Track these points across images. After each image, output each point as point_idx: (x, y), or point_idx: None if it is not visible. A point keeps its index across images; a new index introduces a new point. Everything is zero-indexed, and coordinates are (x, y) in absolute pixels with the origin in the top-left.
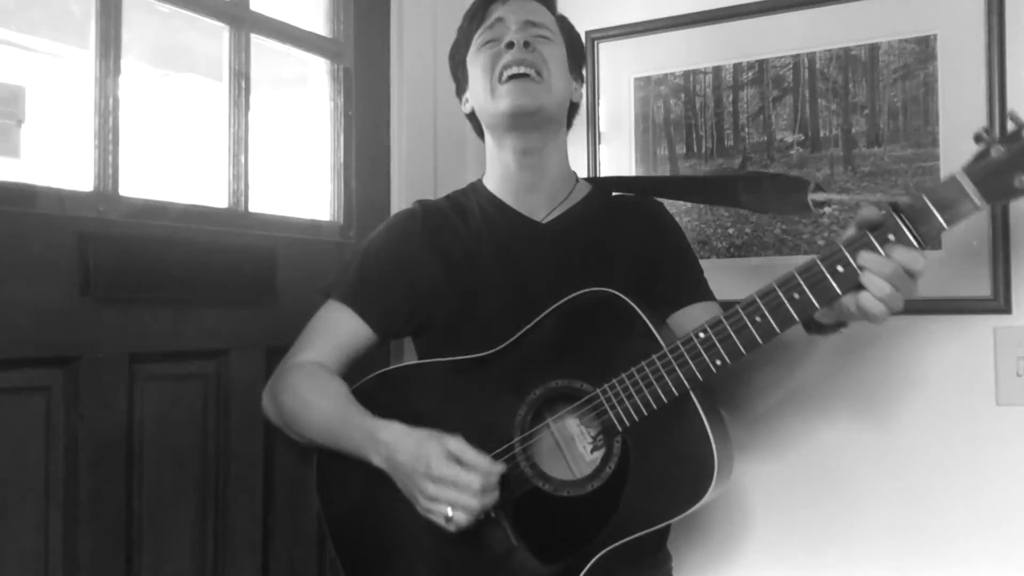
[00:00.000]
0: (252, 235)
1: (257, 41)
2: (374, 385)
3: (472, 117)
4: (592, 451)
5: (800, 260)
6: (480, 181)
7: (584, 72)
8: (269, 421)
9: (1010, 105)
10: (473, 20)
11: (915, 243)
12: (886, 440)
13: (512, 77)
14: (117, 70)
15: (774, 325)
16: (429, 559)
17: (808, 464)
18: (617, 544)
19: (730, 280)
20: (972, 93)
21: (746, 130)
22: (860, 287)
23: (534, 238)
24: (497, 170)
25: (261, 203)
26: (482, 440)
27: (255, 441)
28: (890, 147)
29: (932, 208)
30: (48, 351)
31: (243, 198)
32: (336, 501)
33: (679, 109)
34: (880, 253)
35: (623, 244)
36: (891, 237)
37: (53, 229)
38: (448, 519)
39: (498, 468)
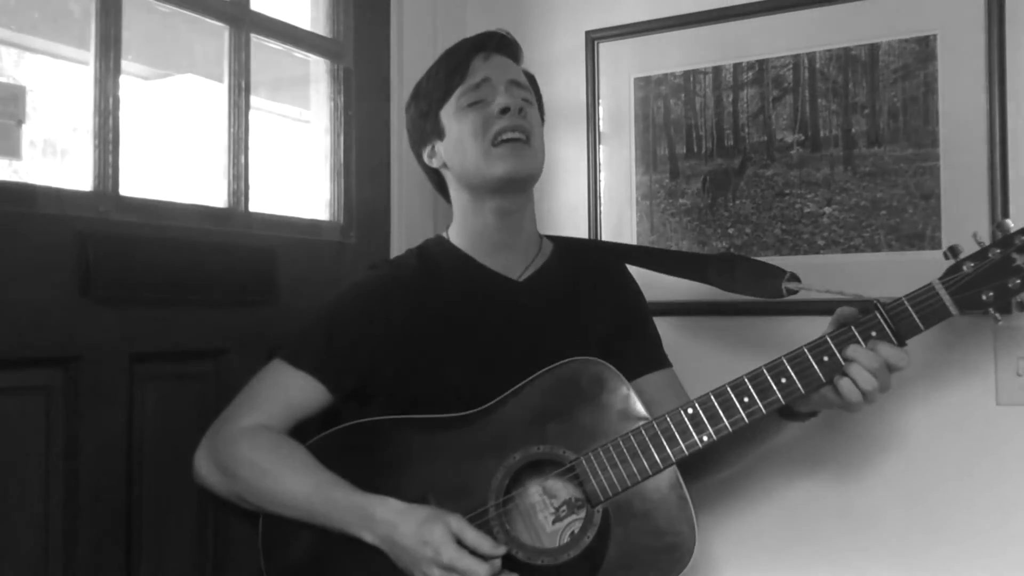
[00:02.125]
0: (252, 235)
1: (257, 41)
2: (337, 439)
3: (436, 172)
4: (554, 522)
5: (800, 260)
6: (445, 237)
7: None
8: (211, 492)
9: (1010, 104)
10: (454, 75)
11: (894, 341)
12: (886, 440)
13: (507, 141)
14: (117, 70)
15: (760, 407)
16: None
17: (806, 464)
18: None
19: None
20: (972, 93)
21: (746, 130)
22: (842, 377)
23: (511, 296)
24: (470, 228)
25: (261, 203)
26: (456, 501)
27: None
28: (890, 147)
29: (911, 311)
30: (48, 351)
31: (243, 198)
32: (285, 564)
33: (679, 109)
34: (865, 347)
35: (594, 305)
36: (873, 333)
37: (53, 229)
38: None
39: (500, 551)
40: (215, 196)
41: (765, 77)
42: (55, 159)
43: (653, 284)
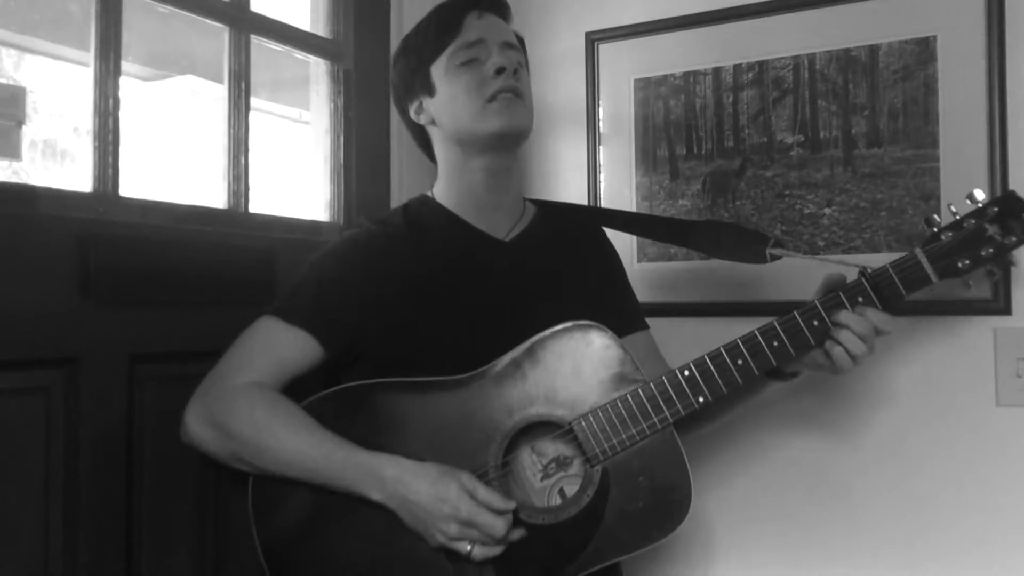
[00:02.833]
0: (252, 236)
1: (257, 42)
2: (330, 402)
3: (420, 128)
4: (541, 479)
5: (799, 261)
6: (430, 196)
7: None
8: (203, 452)
9: (1010, 104)
10: (447, 31)
11: (879, 306)
12: (886, 441)
13: (503, 98)
14: (117, 71)
15: (753, 368)
16: None
17: (807, 465)
18: (592, 570)
19: (730, 280)
20: (972, 94)
21: (746, 131)
22: (830, 341)
23: (498, 256)
24: (457, 186)
25: (261, 204)
26: (456, 464)
27: None
28: (890, 148)
29: (895, 278)
30: (48, 351)
31: (243, 199)
32: (274, 525)
33: (679, 110)
34: (854, 312)
35: (576, 266)
36: (860, 299)
37: (53, 230)
38: (468, 554)
39: (511, 505)
40: (215, 197)
41: (765, 78)
42: (55, 160)
43: (656, 284)
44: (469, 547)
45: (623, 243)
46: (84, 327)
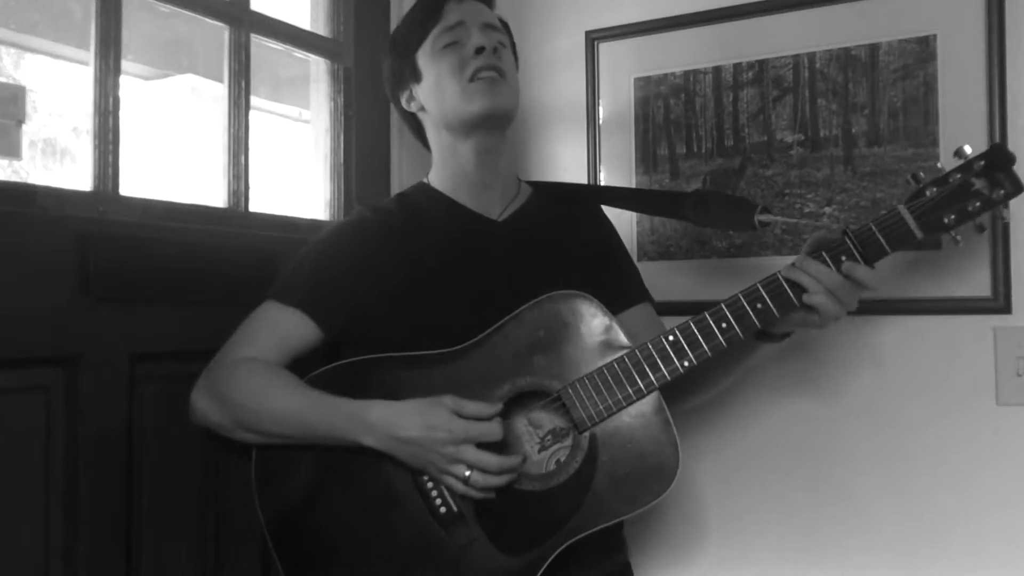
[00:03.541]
0: (252, 235)
1: (257, 41)
2: (327, 376)
3: (412, 116)
4: (539, 451)
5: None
6: (426, 182)
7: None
8: (210, 426)
9: (1010, 105)
10: (429, 18)
11: (862, 263)
12: (886, 440)
13: (483, 78)
14: (117, 70)
15: (738, 331)
16: (382, 554)
17: (807, 465)
18: (581, 536)
19: (730, 280)
20: (972, 93)
21: (746, 130)
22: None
23: (491, 235)
24: (450, 169)
25: (261, 203)
26: None
27: None
28: (890, 147)
29: (878, 235)
30: (48, 351)
31: (243, 198)
32: (276, 497)
33: (679, 109)
34: (831, 267)
35: (573, 242)
36: (843, 258)
37: (53, 229)
38: (466, 479)
39: (498, 408)
40: (215, 196)
41: (765, 77)
42: (55, 159)
43: (656, 283)
44: (467, 472)
45: (624, 240)
46: (84, 326)
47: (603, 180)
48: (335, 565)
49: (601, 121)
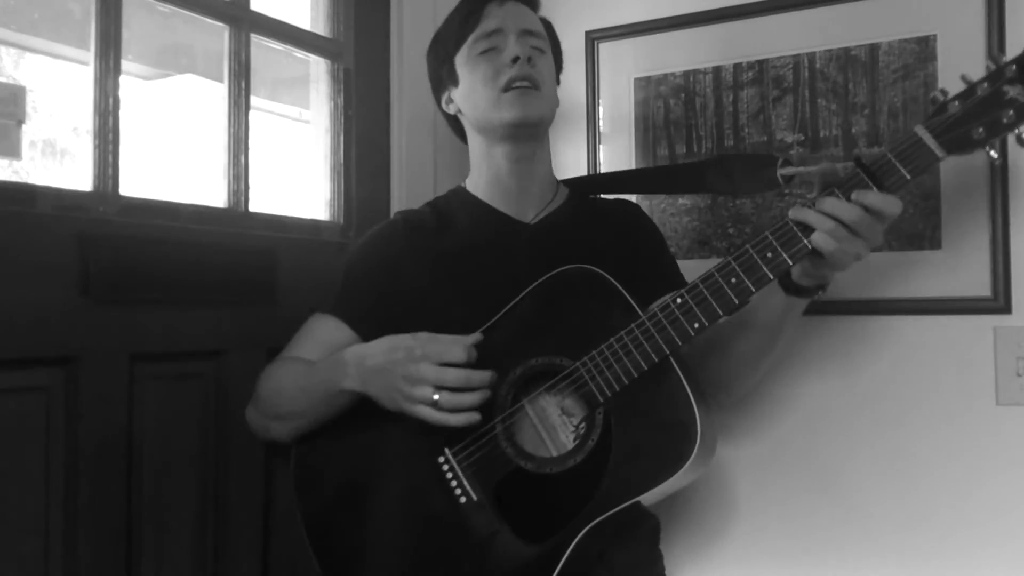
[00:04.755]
0: (252, 235)
1: (257, 41)
2: None
3: (454, 119)
4: (575, 439)
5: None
6: (463, 187)
7: (560, 77)
8: (258, 435)
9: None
10: (467, 22)
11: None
12: (885, 440)
13: (517, 88)
14: (117, 70)
15: (749, 284)
16: (410, 547)
17: (807, 465)
18: (603, 517)
19: None
20: None
21: (746, 130)
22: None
23: (522, 237)
24: (485, 174)
25: (261, 203)
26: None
27: (255, 441)
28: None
29: (895, 161)
30: (48, 351)
31: (243, 198)
32: (314, 495)
33: (679, 109)
34: (843, 199)
35: (608, 242)
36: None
37: (53, 229)
38: (435, 402)
39: (468, 340)
40: (215, 196)
41: (765, 77)
42: (55, 159)
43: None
44: (436, 396)
45: None
46: (84, 326)
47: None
48: (370, 562)
49: (601, 121)
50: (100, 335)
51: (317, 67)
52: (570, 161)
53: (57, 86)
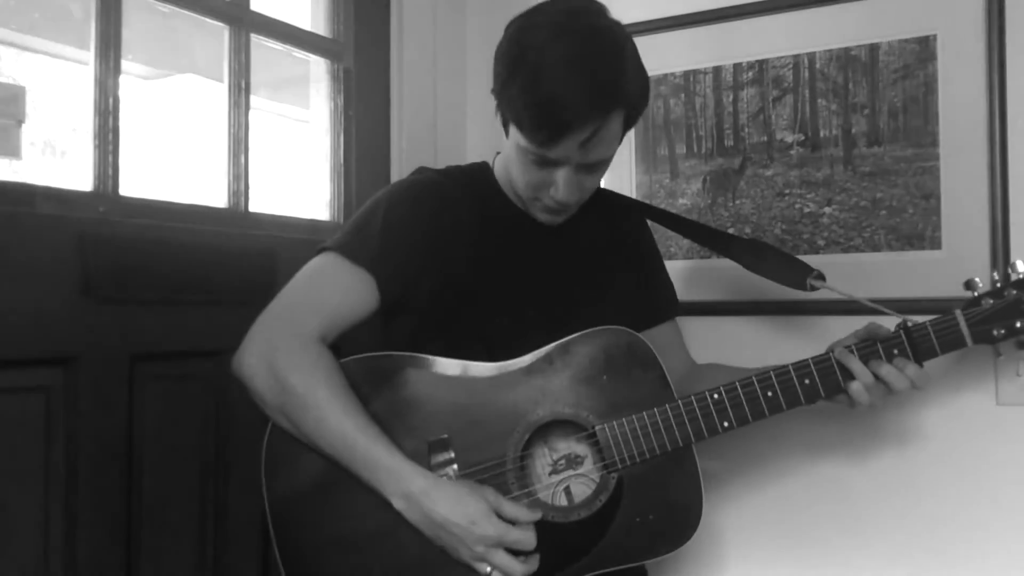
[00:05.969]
0: (252, 235)
1: (257, 41)
2: (364, 365)
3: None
4: (550, 473)
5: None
6: (490, 167)
7: None
8: (249, 389)
9: (1010, 104)
10: (535, 134)
11: (912, 360)
12: (885, 440)
13: (551, 210)
14: (117, 70)
15: (782, 402)
16: (384, 559)
17: (806, 465)
18: (594, 574)
19: (731, 280)
20: (972, 93)
21: (746, 130)
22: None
23: (544, 241)
24: (513, 178)
25: (261, 203)
26: (475, 449)
27: (255, 441)
28: (890, 147)
29: (933, 336)
30: (48, 351)
31: (243, 198)
32: (283, 485)
33: (679, 109)
34: (890, 365)
35: (614, 252)
36: (895, 352)
37: (53, 229)
38: (489, 574)
39: (536, 516)
40: (215, 196)
41: (765, 77)
42: (55, 159)
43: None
44: (489, 570)
45: None
46: (84, 326)
47: (603, 181)
48: (333, 558)
49: None
50: (100, 335)
51: (317, 67)
52: None
53: (57, 86)
